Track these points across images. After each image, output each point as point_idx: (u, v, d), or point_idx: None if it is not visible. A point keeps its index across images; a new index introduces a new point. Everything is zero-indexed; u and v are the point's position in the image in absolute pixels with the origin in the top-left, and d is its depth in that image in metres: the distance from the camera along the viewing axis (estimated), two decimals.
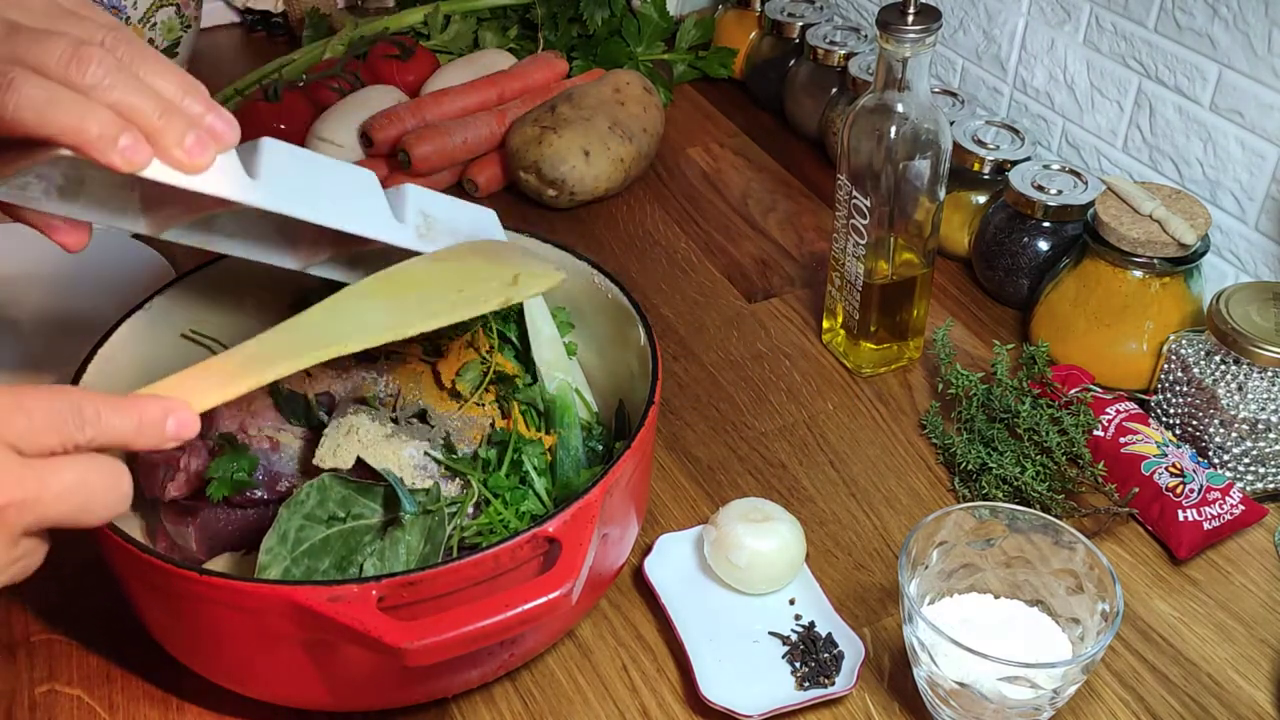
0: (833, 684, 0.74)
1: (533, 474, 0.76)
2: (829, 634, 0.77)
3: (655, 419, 0.74)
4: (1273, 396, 0.85)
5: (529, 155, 1.16)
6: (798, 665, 0.76)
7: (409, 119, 1.21)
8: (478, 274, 0.70)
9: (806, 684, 0.75)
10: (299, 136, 1.23)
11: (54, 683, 0.77)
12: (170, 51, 1.41)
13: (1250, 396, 0.85)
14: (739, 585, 0.80)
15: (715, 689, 0.74)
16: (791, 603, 0.81)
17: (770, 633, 0.79)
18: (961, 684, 0.68)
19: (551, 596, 0.61)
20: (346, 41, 1.37)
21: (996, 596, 0.75)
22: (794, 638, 0.78)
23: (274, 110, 1.24)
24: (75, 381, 0.75)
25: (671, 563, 0.83)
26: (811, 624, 0.78)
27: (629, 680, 0.77)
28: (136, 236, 1.14)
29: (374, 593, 0.61)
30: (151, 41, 1.39)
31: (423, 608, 0.63)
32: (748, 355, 1.03)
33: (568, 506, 0.66)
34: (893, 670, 0.77)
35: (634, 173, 1.21)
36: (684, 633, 0.77)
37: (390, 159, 1.21)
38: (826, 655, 0.76)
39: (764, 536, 0.79)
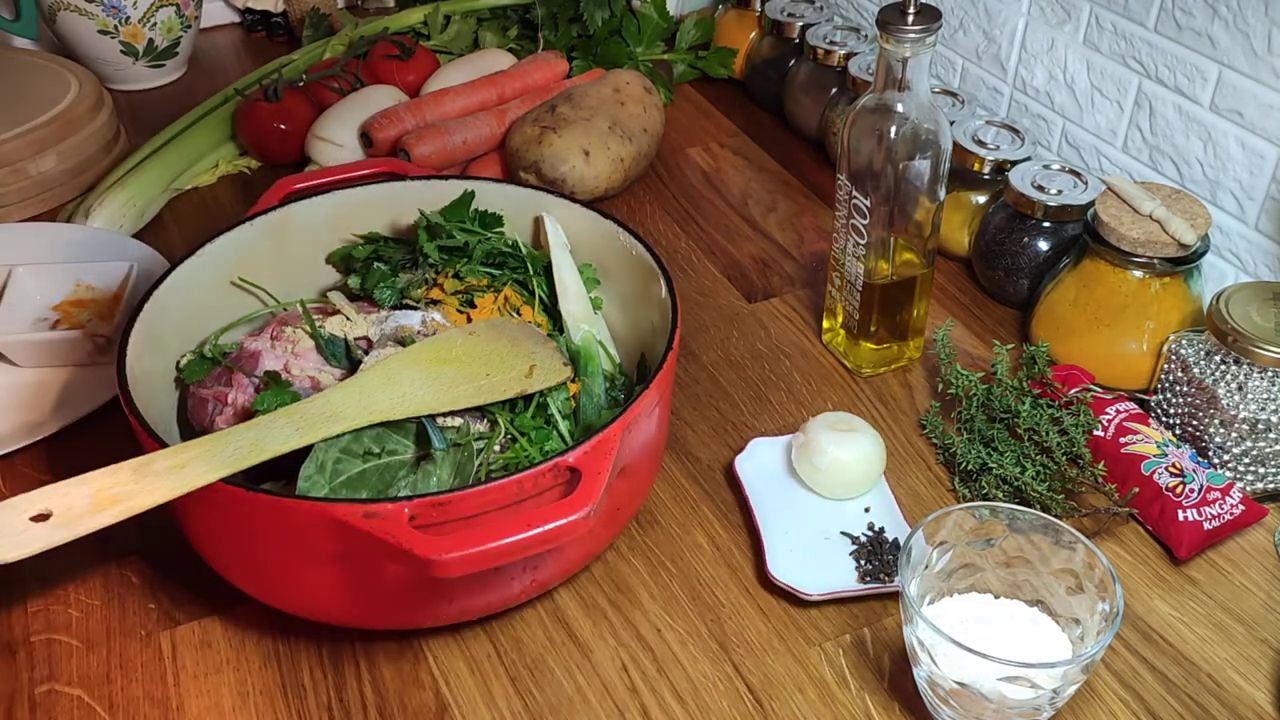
0: (892, 580, 0.79)
1: (557, 416, 0.81)
2: (895, 539, 0.83)
3: (674, 363, 0.77)
4: (1273, 396, 0.85)
5: (529, 155, 1.16)
6: (862, 562, 0.82)
7: (409, 119, 1.21)
8: (502, 358, 0.81)
9: (868, 579, 0.81)
10: (299, 136, 1.23)
11: (54, 683, 0.77)
12: (170, 51, 1.42)
13: (1250, 396, 0.85)
14: (819, 489, 0.87)
15: (783, 570, 0.81)
16: (867, 510, 0.87)
17: (842, 532, 0.85)
18: (961, 684, 0.68)
19: (571, 519, 0.65)
20: (346, 41, 1.37)
21: (996, 596, 0.75)
22: (863, 539, 0.84)
23: (274, 110, 1.24)
24: (133, 319, 0.79)
25: (760, 463, 0.90)
26: (882, 529, 0.84)
27: (629, 680, 0.77)
28: (136, 235, 1.15)
29: (406, 511, 0.65)
30: (151, 41, 1.39)
31: (451, 527, 0.66)
32: (748, 355, 1.03)
33: (588, 439, 0.70)
34: (893, 670, 0.77)
35: (634, 173, 1.21)
36: (761, 521, 0.84)
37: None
38: (890, 557, 0.82)
39: (846, 445, 0.85)
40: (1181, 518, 0.83)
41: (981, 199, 1.09)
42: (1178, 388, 0.91)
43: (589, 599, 0.82)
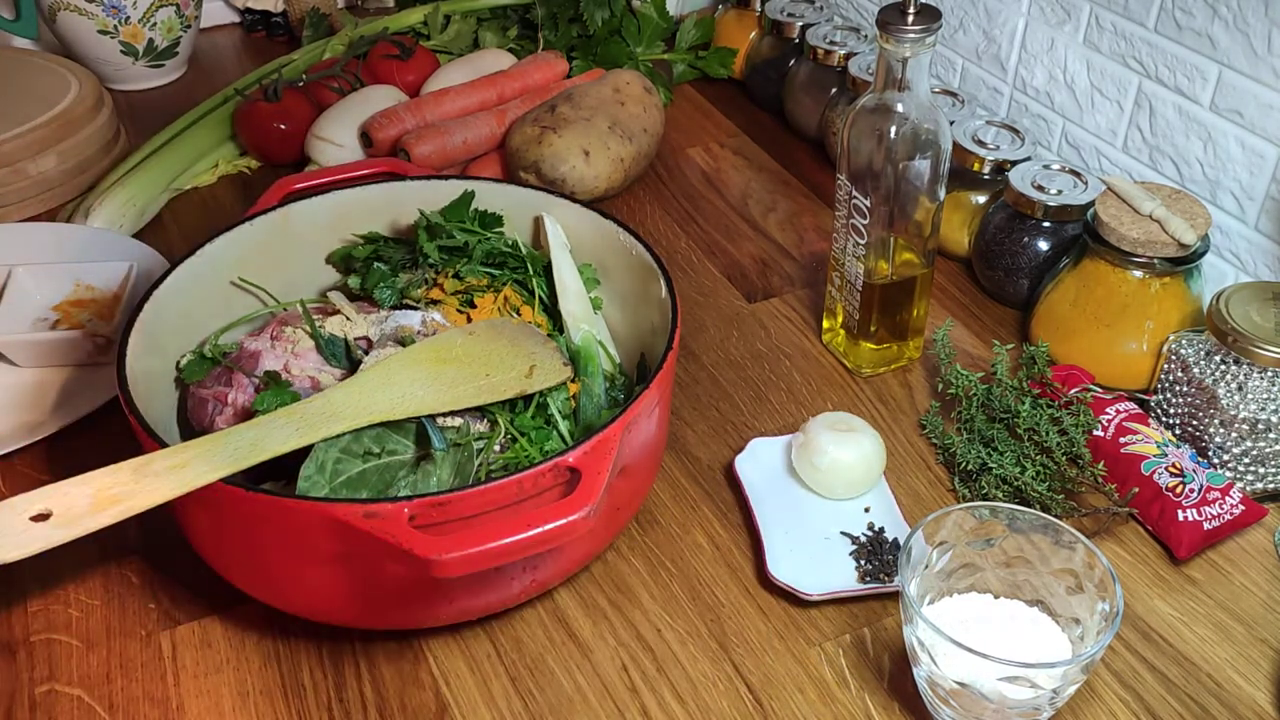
0: (892, 580, 0.79)
1: (557, 416, 0.81)
2: (895, 539, 0.83)
3: (674, 363, 0.77)
4: (1273, 396, 0.85)
5: (529, 155, 1.16)
6: (862, 562, 0.83)
7: (409, 119, 1.21)
8: (502, 358, 0.81)
9: (868, 579, 0.81)
10: (299, 136, 1.23)
11: (54, 683, 0.77)
12: (170, 51, 1.42)
13: (1250, 396, 0.85)
14: (819, 489, 0.87)
15: (783, 570, 0.81)
16: (866, 510, 0.87)
17: (842, 532, 0.85)
18: (961, 684, 0.68)
19: (571, 519, 0.65)
20: (346, 41, 1.37)
21: (996, 596, 0.75)
22: (863, 539, 0.84)
23: (274, 110, 1.24)
24: (133, 319, 0.79)
25: (761, 463, 0.90)
26: (882, 529, 0.84)
27: (629, 680, 0.77)
28: (136, 235, 1.15)
29: (406, 511, 0.65)
30: (151, 41, 1.39)
31: (451, 527, 0.66)
32: (748, 355, 1.03)
33: (588, 439, 0.70)
34: (893, 670, 0.77)
35: (634, 173, 1.21)
36: (761, 521, 0.84)
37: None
38: (890, 557, 0.82)
39: (846, 445, 0.86)
40: (1181, 518, 0.83)
41: (981, 199, 1.09)
42: (1178, 388, 0.91)
43: (589, 599, 0.82)
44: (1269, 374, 0.85)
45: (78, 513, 0.63)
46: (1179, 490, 0.84)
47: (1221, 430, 0.87)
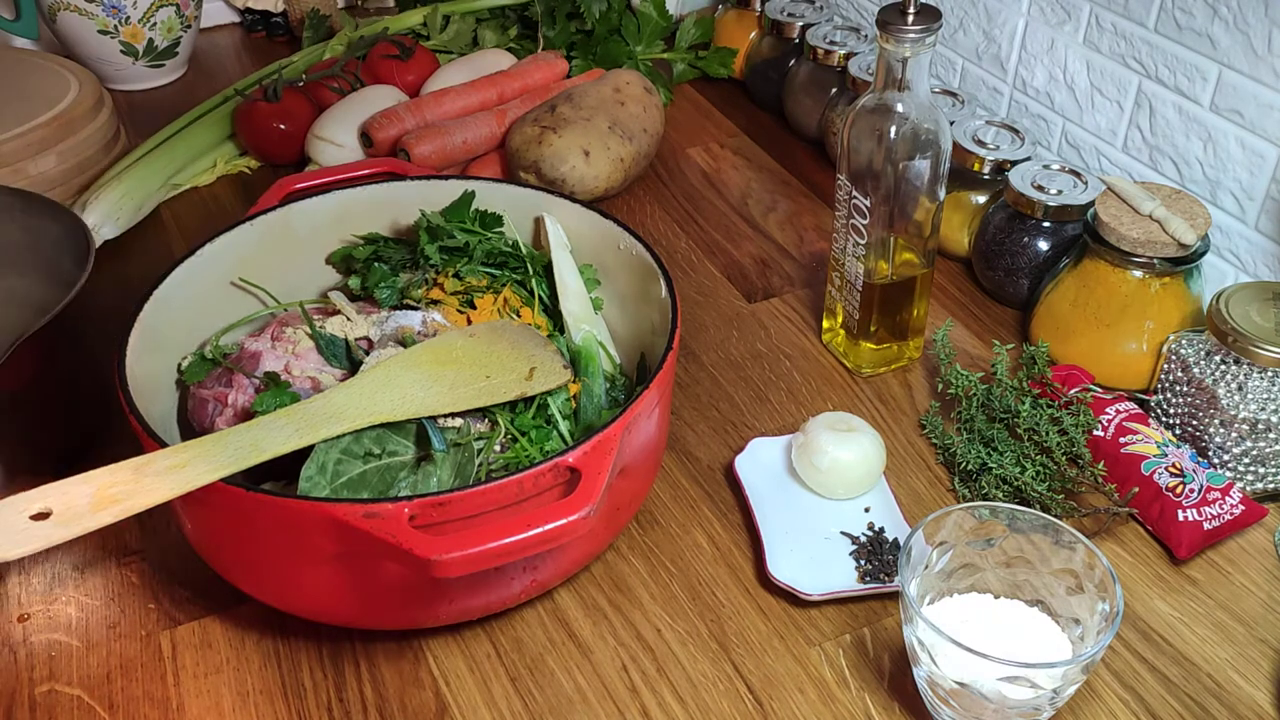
0: (892, 580, 0.80)
1: (557, 416, 0.81)
2: (895, 539, 0.84)
3: (674, 363, 0.77)
4: (1273, 396, 0.85)
5: (529, 155, 1.16)
6: (862, 562, 0.83)
7: (409, 119, 1.21)
8: (502, 360, 0.81)
9: (868, 579, 0.81)
10: (299, 136, 1.23)
11: (54, 683, 0.77)
12: (170, 51, 1.42)
13: (1250, 396, 0.85)
14: (820, 489, 0.87)
15: (783, 570, 0.81)
16: (866, 510, 0.87)
17: (842, 532, 0.85)
18: (961, 684, 0.68)
19: (572, 519, 0.65)
20: (346, 42, 1.37)
21: (996, 596, 0.75)
22: (863, 539, 0.84)
23: (274, 110, 1.24)
24: (133, 319, 0.79)
25: (761, 463, 0.90)
26: (881, 529, 0.85)
27: (629, 680, 0.77)
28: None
29: (406, 511, 0.65)
30: (151, 41, 1.39)
31: (451, 527, 0.66)
32: (748, 355, 1.03)
33: (588, 439, 0.70)
34: (893, 670, 0.77)
35: (634, 173, 1.21)
36: (761, 521, 0.84)
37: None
38: (890, 557, 0.83)
39: (846, 445, 0.86)
40: (1181, 518, 0.83)
41: (981, 199, 1.09)
42: (1178, 388, 0.91)
43: (589, 599, 0.82)
44: (1269, 374, 0.85)
45: (78, 512, 0.63)
46: (1179, 490, 0.84)
47: (1221, 430, 0.87)
